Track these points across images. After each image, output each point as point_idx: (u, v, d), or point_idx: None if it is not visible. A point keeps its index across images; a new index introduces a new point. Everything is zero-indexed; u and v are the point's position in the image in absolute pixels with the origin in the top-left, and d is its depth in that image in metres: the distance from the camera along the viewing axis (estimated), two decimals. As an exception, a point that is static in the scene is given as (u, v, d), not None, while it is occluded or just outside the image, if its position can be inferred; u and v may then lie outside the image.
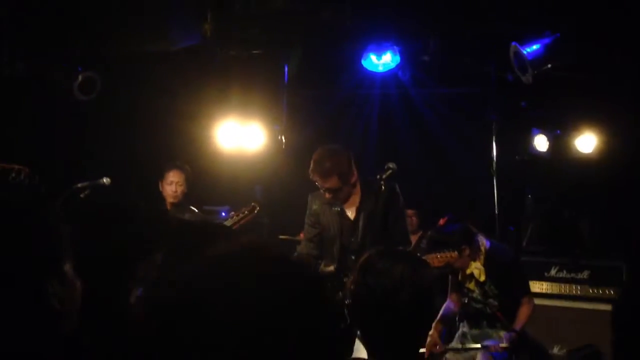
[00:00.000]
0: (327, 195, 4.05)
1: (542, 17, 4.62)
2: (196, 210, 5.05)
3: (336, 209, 4.16)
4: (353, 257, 4.01)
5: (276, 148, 5.99)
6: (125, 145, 5.46)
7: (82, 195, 4.08)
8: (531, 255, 5.65)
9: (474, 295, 4.29)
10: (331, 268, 4.13)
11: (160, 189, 5.07)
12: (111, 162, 5.10)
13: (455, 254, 3.99)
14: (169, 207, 5.07)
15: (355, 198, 4.13)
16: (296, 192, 6.00)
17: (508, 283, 4.24)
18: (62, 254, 1.47)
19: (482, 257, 4.19)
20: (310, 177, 4.04)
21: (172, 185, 5.03)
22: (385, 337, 1.86)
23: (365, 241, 4.08)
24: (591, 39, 4.42)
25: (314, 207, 4.27)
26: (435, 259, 3.98)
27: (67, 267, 1.48)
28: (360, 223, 4.11)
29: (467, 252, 4.11)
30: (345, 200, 4.10)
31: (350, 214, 4.17)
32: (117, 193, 4.49)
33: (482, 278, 4.22)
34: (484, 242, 4.22)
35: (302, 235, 4.63)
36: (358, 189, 4.10)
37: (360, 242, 4.10)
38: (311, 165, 4.01)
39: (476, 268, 4.20)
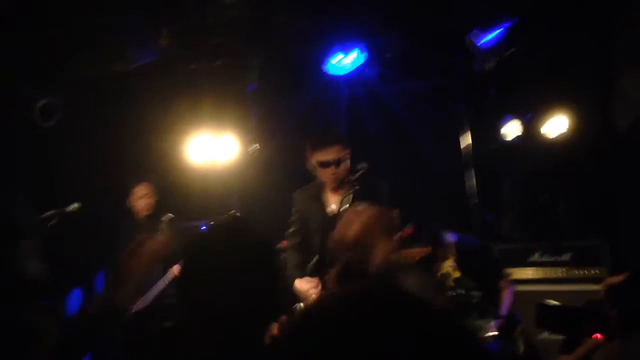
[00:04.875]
0: (331, 173, 4.00)
1: (501, 3, 4.62)
2: (172, 216, 4.98)
3: (319, 204, 4.14)
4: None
5: (249, 159, 5.94)
6: (93, 168, 5.38)
7: (49, 225, 3.99)
8: (512, 243, 5.66)
9: (457, 290, 4.29)
10: (314, 261, 4.11)
11: (131, 204, 5.00)
12: (81, 186, 5.02)
13: (428, 248, 4.00)
14: (143, 220, 5.00)
15: (341, 192, 4.10)
16: (272, 201, 5.98)
17: (481, 271, 4.25)
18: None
19: (452, 253, 4.21)
20: (311, 153, 3.99)
21: (143, 199, 4.96)
22: None
23: None
24: (551, 21, 4.43)
25: (299, 203, 4.24)
26: (410, 254, 3.97)
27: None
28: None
29: (438, 253, 4.14)
30: (341, 182, 4.06)
31: (333, 209, 4.14)
32: (88, 216, 4.42)
33: (457, 274, 4.22)
34: (450, 238, 4.24)
35: (283, 243, 4.58)
36: (345, 182, 4.07)
37: None
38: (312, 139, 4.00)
39: (449, 266, 4.22)
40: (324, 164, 4.01)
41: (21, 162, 4.63)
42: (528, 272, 5.57)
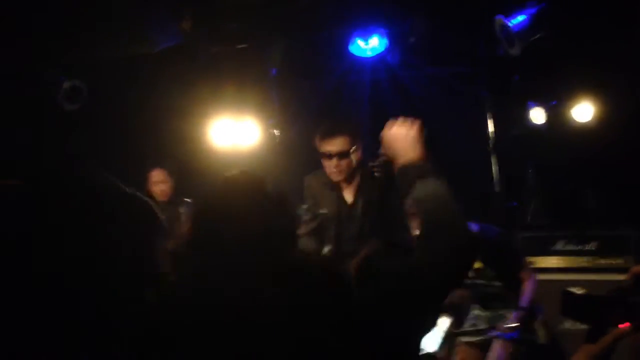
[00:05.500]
0: (334, 165, 3.92)
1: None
2: (189, 201, 4.97)
3: (334, 192, 4.08)
4: (351, 244, 3.95)
5: (271, 143, 5.92)
6: (114, 151, 5.41)
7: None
8: (536, 230, 5.58)
9: (477, 281, 4.24)
10: (327, 250, 4.07)
11: (148, 190, 5.01)
12: (104, 168, 5.03)
13: None
14: (161, 206, 5.00)
15: (356, 181, 4.04)
16: (294, 186, 5.96)
17: (503, 262, 4.18)
18: None
19: None
20: (317, 142, 3.93)
21: (158, 185, 4.96)
22: None
23: (364, 229, 4.01)
24: (577, 6, 4.33)
25: (312, 189, 4.17)
26: None
27: None
28: (359, 209, 4.03)
29: None
30: (349, 177, 3.99)
31: (348, 197, 4.08)
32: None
33: (477, 265, 4.16)
34: (471, 228, 4.17)
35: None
36: (359, 172, 4.00)
37: (359, 229, 4.03)
38: (320, 127, 3.90)
39: None
40: (326, 155, 3.93)
41: (47, 144, 4.67)
42: (552, 261, 5.50)
